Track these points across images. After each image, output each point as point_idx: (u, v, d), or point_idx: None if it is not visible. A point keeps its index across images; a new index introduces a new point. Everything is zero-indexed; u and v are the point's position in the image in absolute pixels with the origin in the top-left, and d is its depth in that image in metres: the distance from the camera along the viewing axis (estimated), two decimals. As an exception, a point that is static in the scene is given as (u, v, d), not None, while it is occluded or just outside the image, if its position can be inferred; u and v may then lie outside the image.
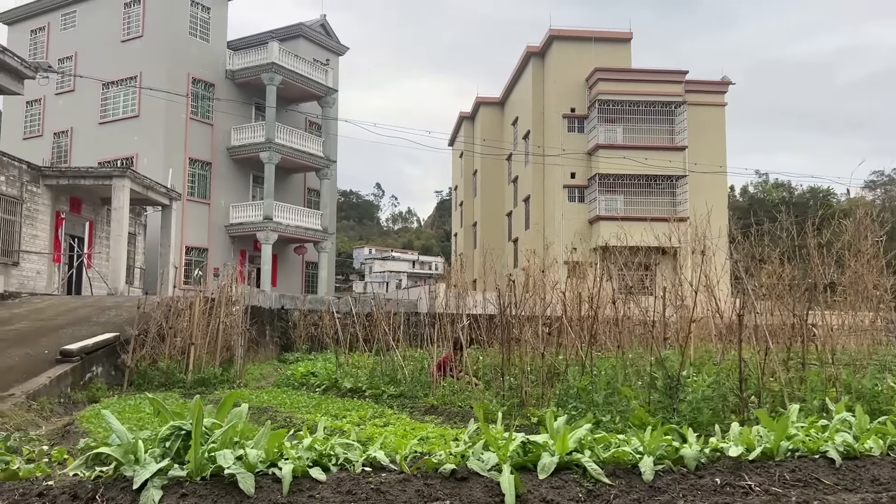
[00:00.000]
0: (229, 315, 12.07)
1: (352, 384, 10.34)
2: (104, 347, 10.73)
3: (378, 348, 10.58)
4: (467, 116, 55.76)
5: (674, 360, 6.30)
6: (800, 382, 6.86)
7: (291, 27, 40.86)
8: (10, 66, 13.63)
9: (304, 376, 12.05)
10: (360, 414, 7.83)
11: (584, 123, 41.18)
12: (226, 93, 36.19)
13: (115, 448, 3.50)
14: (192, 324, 11.27)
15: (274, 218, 35.03)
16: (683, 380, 5.66)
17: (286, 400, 9.16)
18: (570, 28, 40.96)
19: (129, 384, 10.91)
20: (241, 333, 12.06)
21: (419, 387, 9.41)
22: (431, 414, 8.33)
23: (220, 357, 12.13)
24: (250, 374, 14.32)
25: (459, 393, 8.67)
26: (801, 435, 4.24)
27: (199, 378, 11.28)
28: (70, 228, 25.37)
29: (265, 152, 35.09)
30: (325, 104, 39.03)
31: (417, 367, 9.79)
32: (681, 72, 39.96)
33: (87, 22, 36.32)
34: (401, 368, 9.85)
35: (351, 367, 11.16)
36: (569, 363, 7.12)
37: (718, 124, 41.13)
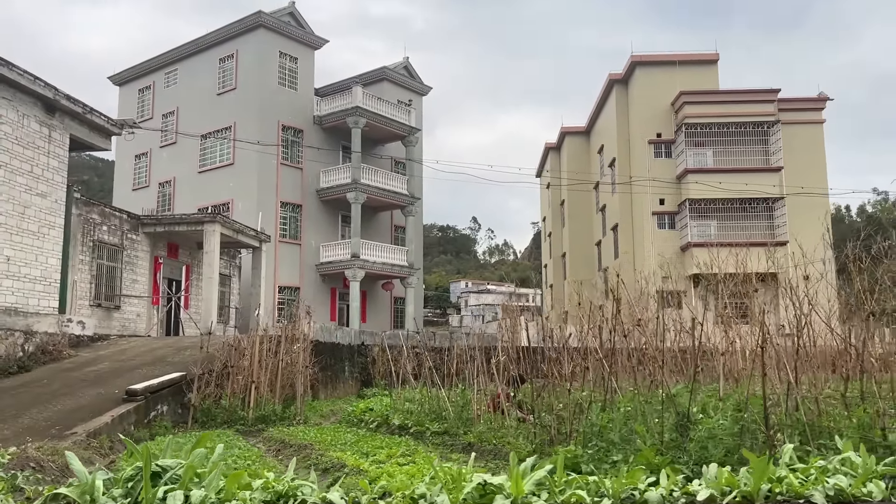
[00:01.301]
0: (289, 353, 12.42)
1: (400, 421, 10.39)
2: (170, 387, 11.28)
3: (424, 383, 10.60)
4: (553, 147, 55.54)
5: (685, 397, 5.97)
6: (847, 418, 6.34)
7: (375, 71, 42.29)
8: (96, 124, 14.83)
9: (362, 413, 12.20)
10: (390, 451, 7.84)
11: (671, 148, 40.09)
12: (314, 137, 37.73)
13: (72, 489, 3.68)
14: (253, 362, 11.67)
15: (361, 256, 35.93)
16: (694, 417, 5.35)
17: (329, 437, 9.30)
18: (653, 53, 40.25)
19: (194, 421, 11.39)
20: (301, 371, 12.35)
21: (461, 424, 9.33)
22: (467, 452, 8.24)
23: (282, 394, 12.48)
24: (318, 411, 14.65)
25: (497, 430, 8.54)
26: (790, 477, 3.91)
27: (260, 415, 11.64)
28: (168, 272, 26.96)
29: (351, 193, 36.20)
30: (409, 143, 39.94)
31: (460, 403, 9.72)
32: (772, 90, 38.31)
33: (186, 78, 38.97)
34: (446, 405, 9.80)
35: (403, 404, 11.21)
36: (592, 399, 6.88)
37: (817, 142, 39.02)
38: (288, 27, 37.08)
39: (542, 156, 59.12)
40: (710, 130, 38.54)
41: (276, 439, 9.75)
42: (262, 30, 36.03)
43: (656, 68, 40.13)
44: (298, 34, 37.62)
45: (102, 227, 22.95)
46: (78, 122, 14.59)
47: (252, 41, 36.35)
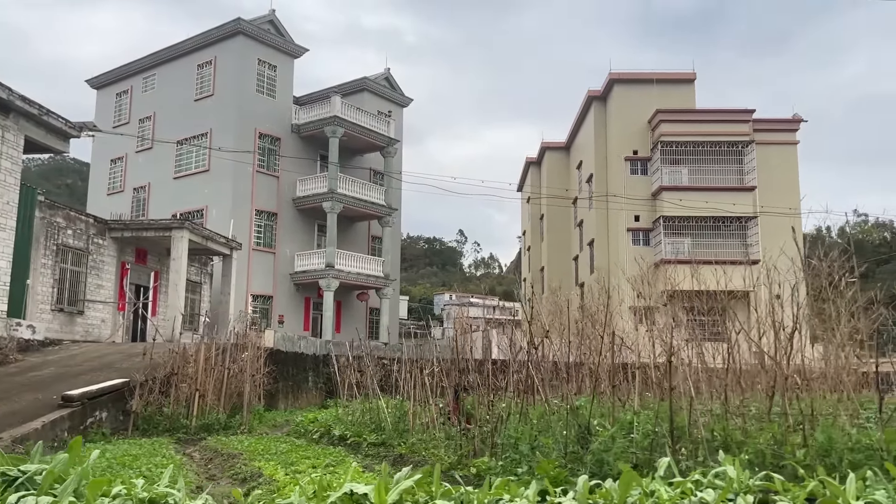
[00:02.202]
0: (237, 362, 12.32)
1: (340, 432, 10.33)
2: (111, 393, 11.15)
3: (365, 394, 10.55)
4: (533, 161, 55.82)
5: (587, 409, 5.97)
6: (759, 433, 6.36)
7: (356, 81, 42.37)
8: (53, 126, 14.71)
9: (310, 423, 12.11)
10: (315, 462, 7.79)
11: (647, 166, 40.41)
12: (291, 146, 37.69)
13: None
14: (198, 370, 11.57)
15: (336, 265, 35.82)
16: (594, 429, 5.35)
17: (262, 447, 9.21)
18: (631, 71, 40.62)
19: (135, 429, 11.26)
20: (248, 380, 12.25)
21: (397, 435, 9.29)
22: (398, 463, 8.19)
23: (229, 403, 12.37)
24: (272, 421, 14.52)
25: (430, 441, 8.50)
26: (661, 490, 3.91)
27: (203, 424, 11.52)
28: (135, 278, 26.73)
29: (328, 202, 36.14)
30: (387, 154, 39.97)
31: (396, 414, 9.67)
32: (747, 111, 38.76)
33: (164, 83, 38.86)
34: (385, 416, 9.75)
35: (348, 415, 11.15)
36: (511, 412, 6.87)
37: (791, 163, 39.46)
38: (267, 35, 37.10)
39: (523, 170, 59.40)
40: (686, 149, 38.88)
41: (211, 448, 9.65)
42: (242, 37, 36.03)
43: (634, 86, 40.49)
44: (278, 42, 37.65)
45: (67, 230, 22.74)
46: (34, 124, 14.47)
47: (231, 48, 36.33)
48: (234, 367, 12.35)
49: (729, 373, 8.53)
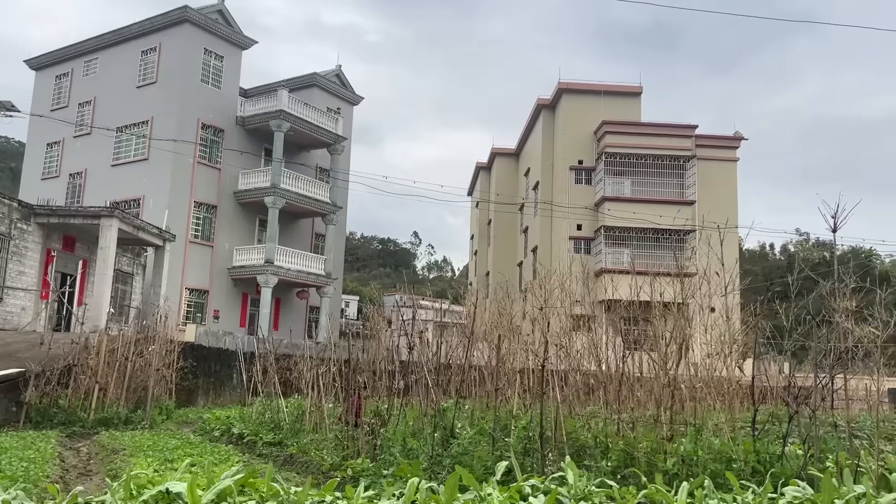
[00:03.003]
0: (143, 355, 11.99)
1: (240, 430, 10.13)
2: (4, 383, 10.72)
3: (267, 393, 10.37)
4: (484, 167, 56.07)
5: (451, 412, 5.96)
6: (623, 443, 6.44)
7: (306, 76, 41.92)
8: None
9: (216, 421, 11.87)
10: (197, 460, 7.58)
11: (591, 176, 40.95)
12: (236, 138, 37.06)
13: None
14: (100, 362, 11.21)
15: (275, 262, 35.32)
16: (457, 432, 5.33)
17: (151, 443, 8.97)
18: (580, 81, 41.13)
19: (28, 421, 10.85)
20: (153, 374, 11.92)
21: (292, 434, 9.14)
22: (288, 463, 8.06)
23: (133, 398, 12.03)
24: (184, 417, 14.19)
25: (320, 442, 8.38)
26: (494, 493, 3.90)
27: (101, 418, 11.17)
28: (61, 266, 25.88)
29: (270, 197, 35.63)
30: (334, 151, 39.63)
31: (294, 414, 9.53)
32: (690, 126, 39.62)
33: (106, 68, 37.82)
34: (283, 416, 9.59)
35: (251, 414, 10.95)
36: (391, 414, 6.82)
37: (730, 179, 40.46)
38: (215, 25, 36.43)
39: (473, 175, 59.63)
40: (630, 161, 39.53)
41: (101, 443, 9.36)
42: (188, 25, 35.29)
43: (582, 96, 41.01)
44: (226, 33, 37.00)
45: (-14, 214, 21.89)
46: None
47: (176, 36, 35.56)
48: (139, 361, 12.00)
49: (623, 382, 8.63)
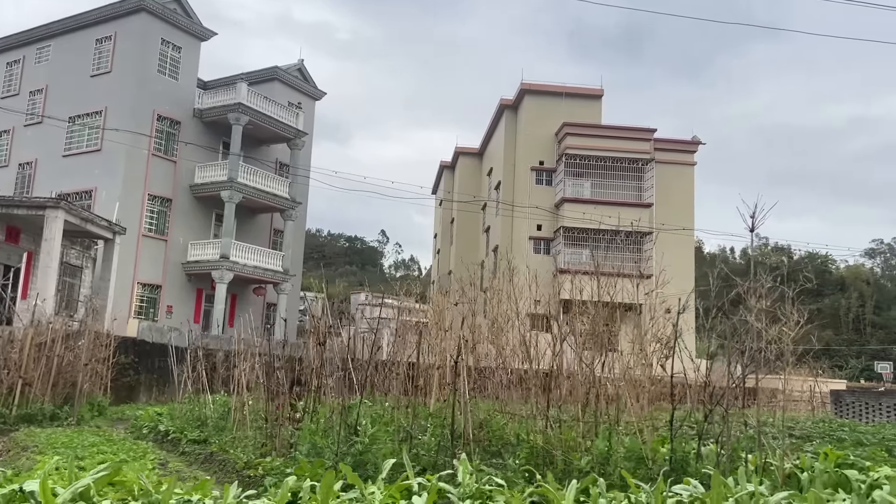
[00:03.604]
0: (72, 349, 11.63)
1: (166, 427, 9.88)
2: (-80, 376, 10.30)
3: (196, 389, 10.13)
4: (448, 166, 56.02)
5: (356, 409, 5.85)
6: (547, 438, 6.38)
7: (267, 70, 41.39)
8: None
9: (146, 418, 11.58)
10: (110, 457, 7.35)
11: (552, 177, 41.14)
12: (192, 131, 36.41)
13: None
14: (23, 356, 10.83)
15: (231, 257, 34.78)
16: (361, 428, 5.21)
17: (66, 440, 8.67)
18: (542, 82, 41.29)
19: (-56, 416, 10.45)
20: (82, 369, 11.57)
21: (216, 432, 8.93)
22: (207, 461, 7.86)
23: (62, 393, 11.66)
24: (119, 414, 13.83)
25: (242, 440, 8.18)
26: (377, 494, 3.79)
27: (25, 414, 10.81)
28: (5, 258, 25.16)
29: (226, 191, 35.08)
30: (295, 146, 39.17)
31: (219, 411, 9.31)
32: (649, 129, 40.04)
33: (59, 56, 36.89)
34: (210, 413, 9.36)
35: (180, 410, 10.68)
36: (305, 412, 6.67)
37: (687, 183, 40.98)
38: (173, 15, 35.74)
39: (437, 174, 59.55)
40: (589, 163, 39.79)
41: (16, 440, 9.04)
42: (145, 14, 34.56)
43: (544, 98, 41.16)
44: (184, 23, 36.32)
45: (-77, 202, 21.13)
46: None
47: (132, 24, 34.79)
48: (69, 356, 11.63)
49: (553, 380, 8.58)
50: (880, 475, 6.01)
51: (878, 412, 19.60)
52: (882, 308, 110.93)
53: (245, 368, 8.77)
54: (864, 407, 20.13)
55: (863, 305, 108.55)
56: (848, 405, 20.65)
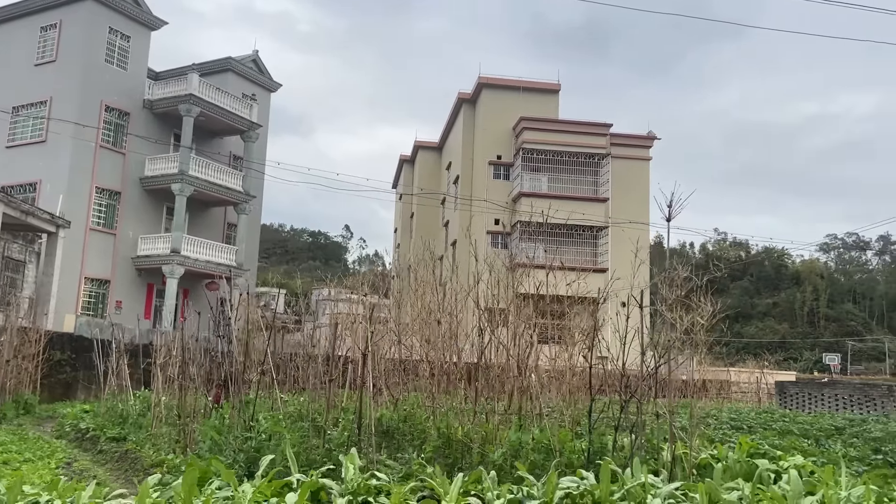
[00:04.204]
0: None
1: (86, 425, 9.54)
2: None
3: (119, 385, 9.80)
4: (407, 159, 55.75)
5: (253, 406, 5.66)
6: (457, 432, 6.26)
7: (221, 61, 40.58)
8: None
9: (72, 416, 11.20)
10: (13, 456, 7.03)
11: (509, 171, 41.19)
12: (142, 122, 35.55)
13: None
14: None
15: (182, 251, 34.10)
16: (255, 424, 5.03)
17: (-26, 438, 8.31)
18: (499, 76, 41.26)
19: None
20: (2, 366, 11.13)
21: (135, 429, 8.63)
22: (121, 459, 7.58)
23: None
24: (51, 411, 13.40)
25: (156, 437, 7.91)
26: (248, 490, 3.61)
27: (-62, 412, 10.34)
28: (-61, 251, 24.23)
29: (177, 184, 34.35)
30: (248, 139, 38.52)
31: (140, 408, 9.01)
32: (605, 124, 40.29)
33: (2, 44, 35.67)
34: (130, 410, 9.06)
35: (110, 408, 10.34)
36: (213, 407, 6.45)
37: (643, 178, 41.33)
38: (121, 3, 34.76)
39: (397, 168, 59.25)
40: (547, 157, 39.90)
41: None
42: (91, 2, 33.55)
43: (502, 92, 41.14)
44: (133, 11, 35.37)
45: None
46: None
47: (79, 12, 33.78)
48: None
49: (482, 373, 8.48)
50: (789, 464, 6.04)
51: (820, 402, 19.99)
52: (835, 301, 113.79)
53: (161, 364, 8.49)
54: (806, 397, 20.51)
55: (817, 299, 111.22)
56: (792, 396, 21.02)
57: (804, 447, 7.51)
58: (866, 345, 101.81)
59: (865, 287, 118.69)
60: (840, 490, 4.52)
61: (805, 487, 4.75)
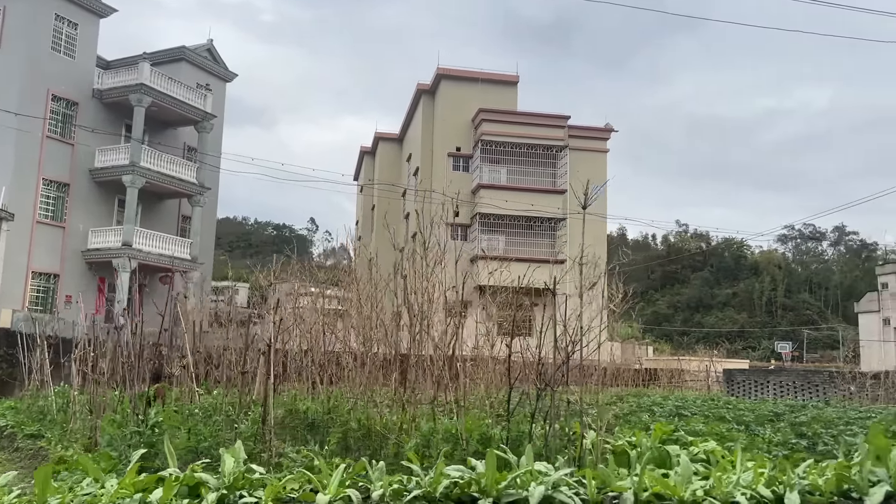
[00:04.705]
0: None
1: (5, 422, 9.24)
2: None
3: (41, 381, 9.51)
4: (368, 151, 55.36)
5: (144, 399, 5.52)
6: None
7: (174, 50, 39.79)
8: None
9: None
10: None
11: (468, 163, 41.14)
12: (92, 112, 34.71)
13: None
14: None
15: (134, 244, 33.42)
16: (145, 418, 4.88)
17: None
18: (458, 68, 41.13)
19: None
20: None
21: (52, 426, 8.38)
22: (35, 457, 7.34)
23: None
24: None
25: (74, 433, 7.68)
26: (110, 487, 3.47)
27: None
28: None
29: (128, 175, 33.63)
30: (203, 129, 37.86)
31: (59, 403, 8.76)
32: (563, 116, 40.46)
33: (-58, 31, 34.45)
34: (51, 407, 8.79)
35: (30, 404, 10.03)
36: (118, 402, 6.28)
37: (600, 170, 41.62)
38: (68, -11, 33.85)
39: (358, 159, 58.81)
40: (505, 149, 39.93)
41: None
42: (36, -13, 32.62)
43: (461, 83, 41.03)
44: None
45: None
46: None
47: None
48: None
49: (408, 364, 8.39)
50: (700, 450, 6.07)
51: (765, 389, 20.37)
52: (792, 291, 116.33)
53: (76, 358, 8.24)
54: (753, 385, 20.88)
55: (775, 289, 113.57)
56: (739, 383, 21.38)
57: (724, 433, 7.57)
58: (822, 333, 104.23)
59: (821, 277, 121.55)
60: (733, 474, 4.53)
61: (705, 473, 4.76)
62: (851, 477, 4.58)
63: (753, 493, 4.18)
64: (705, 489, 4.23)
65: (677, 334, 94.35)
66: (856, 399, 17.43)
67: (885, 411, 11.75)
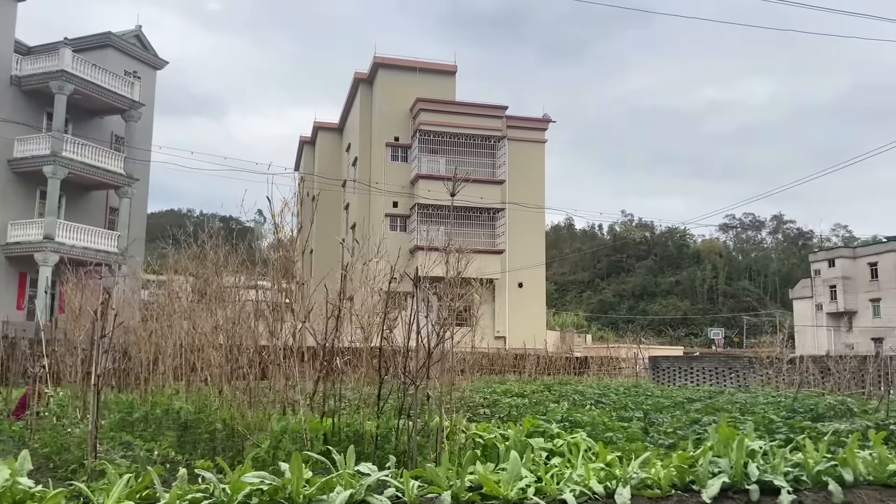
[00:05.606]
0: None
1: None
2: None
3: None
4: (308, 141, 54.45)
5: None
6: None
7: (99, 36, 38.24)
8: None
9: None
10: None
11: (407, 153, 40.75)
12: (10, 100, 33.12)
13: None
14: None
15: (56, 238, 32.07)
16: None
17: None
18: (395, 57, 40.65)
19: None
20: None
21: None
22: None
23: None
24: None
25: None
26: None
27: None
28: None
29: (49, 166, 32.21)
30: (130, 118, 36.52)
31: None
32: (501, 107, 40.37)
33: None
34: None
35: None
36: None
37: (538, 160, 41.73)
38: (-19, -30, 32.19)
39: (298, 149, 57.84)
40: (444, 139, 39.66)
41: None
42: (-55, -32, 30.92)
43: (398, 72, 40.56)
44: (-6, -20, 32.81)
45: None
46: None
47: (-70, -21, 31.05)
48: None
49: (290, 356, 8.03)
50: (566, 442, 5.88)
51: (689, 375, 20.58)
52: (733, 278, 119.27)
53: None
54: (677, 371, 21.09)
55: (716, 277, 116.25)
56: (664, 370, 21.58)
57: (605, 423, 7.44)
58: (760, 319, 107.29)
59: (760, 264, 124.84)
60: (574, 470, 4.34)
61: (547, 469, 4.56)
62: (694, 469, 4.44)
63: (584, 489, 3.99)
64: (538, 486, 4.03)
65: (622, 322, 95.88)
66: (772, 383, 17.72)
67: (793, 395, 11.84)
